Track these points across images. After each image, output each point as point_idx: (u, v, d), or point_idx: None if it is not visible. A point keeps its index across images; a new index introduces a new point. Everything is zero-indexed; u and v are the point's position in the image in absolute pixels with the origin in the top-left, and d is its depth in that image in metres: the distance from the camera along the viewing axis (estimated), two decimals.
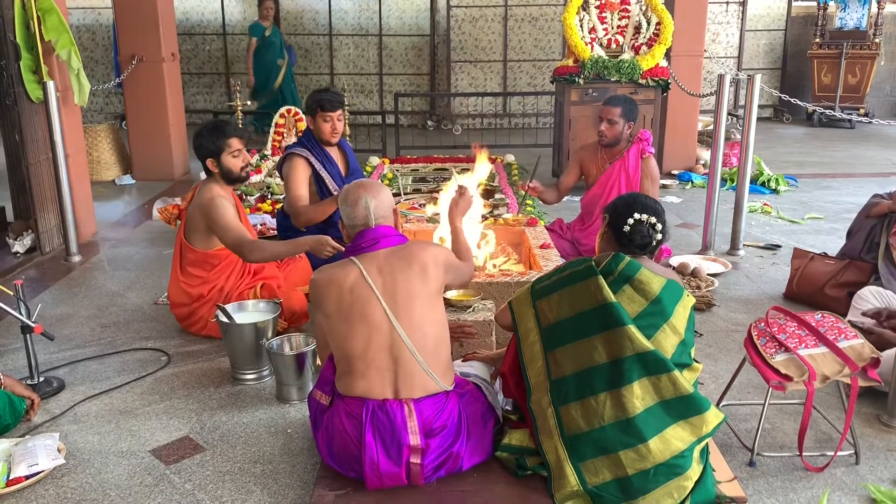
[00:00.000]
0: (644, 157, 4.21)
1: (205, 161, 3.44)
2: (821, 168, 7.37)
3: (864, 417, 2.81)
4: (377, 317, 2.22)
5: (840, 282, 3.77)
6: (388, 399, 2.21)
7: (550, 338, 2.25)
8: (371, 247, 2.33)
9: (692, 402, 2.11)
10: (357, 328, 2.22)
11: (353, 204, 2.36)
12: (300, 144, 4.18)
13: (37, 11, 4.55)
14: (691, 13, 6.77)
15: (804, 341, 2.53)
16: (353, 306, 2.23)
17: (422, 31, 10.03)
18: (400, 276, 2.27)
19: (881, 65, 9.92)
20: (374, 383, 2.22)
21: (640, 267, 2.19)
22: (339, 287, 2.26)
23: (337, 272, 2.29)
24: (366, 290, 2.23)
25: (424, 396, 2.22)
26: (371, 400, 2.21)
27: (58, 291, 4.19)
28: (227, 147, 3.43)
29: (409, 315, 2.23)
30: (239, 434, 2.72)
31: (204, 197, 3.42)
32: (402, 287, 2.26)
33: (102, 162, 6.97)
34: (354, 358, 2.22)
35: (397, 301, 2.24)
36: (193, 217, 3.45)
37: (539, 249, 3.79)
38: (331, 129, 4.08)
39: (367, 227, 2.36)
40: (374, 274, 2.26)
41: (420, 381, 2.22)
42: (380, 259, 2.30)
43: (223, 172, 3.46)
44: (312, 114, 4.09)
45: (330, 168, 4.16)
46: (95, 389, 3.05)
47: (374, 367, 2.21)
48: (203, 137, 3.45)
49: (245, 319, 3.11)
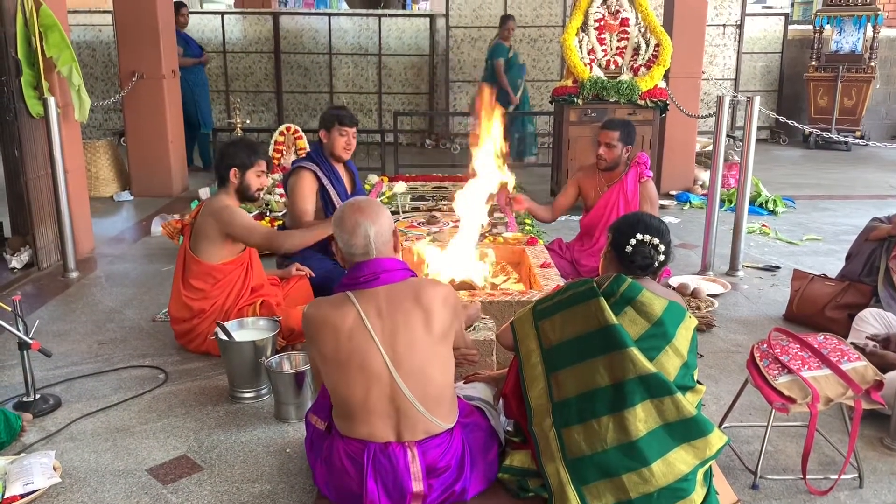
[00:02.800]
0: (642, 181, 4.23)
1: (229, 170, 3.45)
2: (818, 190, 7.40)
3: (867, 440, 2.79)
4: (377, 367, 2.09)
5: (840, 303, 3.77)
6: (390, 442, 2.13)
7: (552, 359, 2.23)
8: (370, 282, 2.15)
9: (695, 424, 2.09)
10: (355, 378, 2.10)
11: (350, 231, 2.16)
12: (308, 159, 4.21)
13: (39, 28, 4.56)
14: (690, 35, 6.82)
15: (807, 363, 2.52)
16: (352, 356, 2.09)
17: (421, 51, 10.09)
18: (401, 318, 2.11)
19: (877, 88, 9.99)
20: (376, 427, 2.13)
21: (642, 289, 2.18)
22: (336, 331, 2.10)
23: (332, 313, 2.13)
24: (364, 336, 2.09)
25: (428, 437, 2.15)
26: (373, 443, 2.13)
27: (55, 307, 4.17)
28: (257, 164, 3.50)
29: (410, 363, 2.10)
30: (237, 453, 2.70)
31: (217, 205, 3.45)
32: (404, 333, 2.11)
33: (101, 178, 6.97)
34: (353, 406, 2.13)
35: (397, 349, 2.10)
36: (204, 227, 3.45)
37: (539, 268, 3.79)
38: (345, 143, 4.15)
39: (366, 257, 2.17)
40: (374, 317, 2.10)
41: (423, 426, 2.15)
42: (380, 299, 2.13)
43: (242, 187, 3.49)
44: (328, 127, 4.13)
45: (337, 185, 4.19)
46: (92, 407, 3.02)
47: (376, 414, 2.12)
48: (238, 148, 3.50)
49: (244, 337, 3.09)
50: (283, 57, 10.13)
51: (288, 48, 10.10)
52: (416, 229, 5.40)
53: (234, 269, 3.52)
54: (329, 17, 10.20)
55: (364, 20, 10.12)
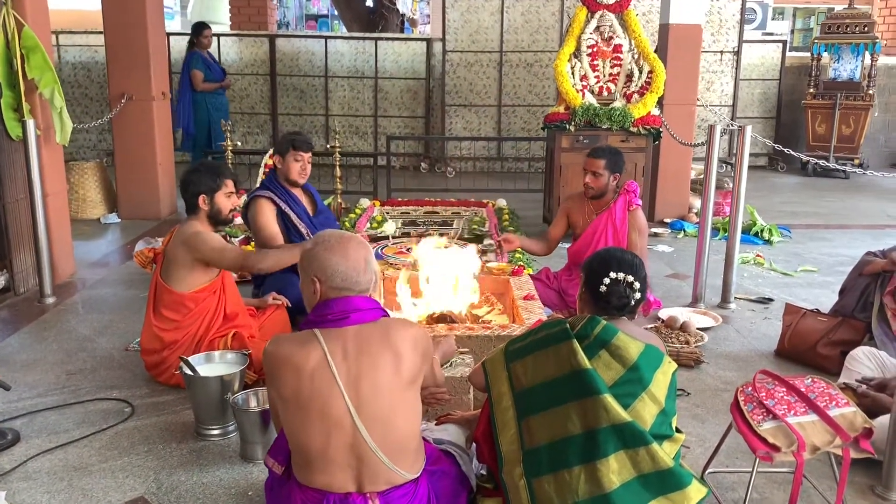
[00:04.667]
0: (631, 210, 4.15)
1: (197, 197, 3.36)
2: (815, 218, 7.30)
3: (857, 488, 2.67)
4: (338, 412, 1.96)
5: (833, 340, 3.65)
6: (350, 493, 2.00)
7: (524, 404, 2.12)
8: (340, 321, 2.02)
9: (672, 476, 1.98)
10: (315, 424, 1.97)
11: (354, 265, 2.02)
12: (262, 187, 4.24)
13: (21, 49, 4.50)
14: (685, 62, 6.75)
15: (793, 408, 2.40)
16: (312, 399, 1.96)
17: (417, 75, 10.05)
18: (366, 361, 1.98)
19: (875, 116, 9.93)
20: (336, 478, 2.00)
21: (617, 331, 2.07)
22: (298, 372, 1.97)
23: (296, 351, 1.99)
24: (327, 378, 1.96)
25: (391, 488, 2.03)
26: (332, 494, 2.00)
27: (27, 335, 4.06)
28: (224, 186, 3.40)
29: (374, 409, 1.98)
30: (197, 496, 2.57)
31: (187, 232, 3.35)
32: (369, 375, 1.98)
33: (88, 200, 6.88)
34: (312, 454, 2.00)
35: (361, 393, 1.97)
36: (175, 255, 3.35)
37: (522, 301, 3.68)
38: (300, 168, 4.20)
39: (344, 294, 2.04)
40: (339, 358, 1.97)
41: (385, 476, 2.02)
42: (347, 339, 2.00)
43: (213, 212, 3.40)
44: (283, 153, 4.18)
45: (296, 208, 4.22)
46: (52, 443, 2.91)
47: (335, 463, 1.99)
48: (201, 173, 3.40)
49: (210, 372, 2.98)
50: (278, 79, 10.09)
51: (284, 70, 10.07)
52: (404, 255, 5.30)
53: (207, 296, 3.42)
54: (325, 40, 10.18)
55: (360, 43, 10.10)
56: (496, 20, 9.60)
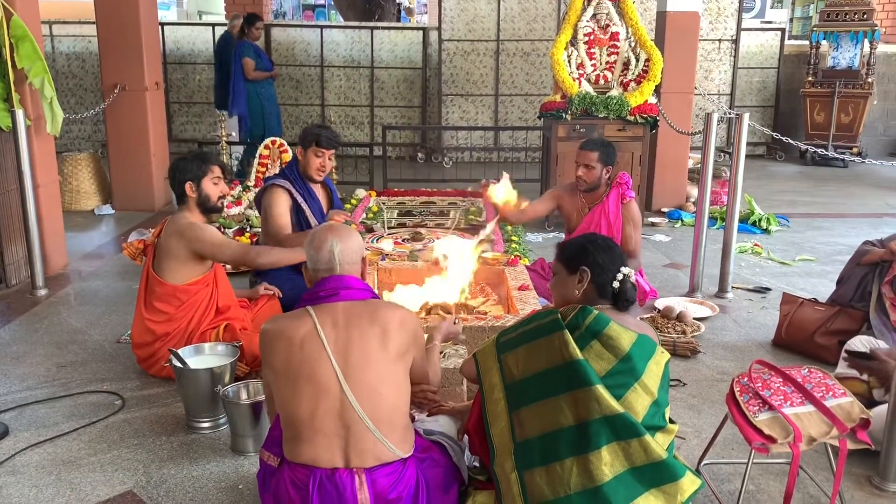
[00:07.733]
0: (625, 202, 4.11)
1: (183, 185, 3.34)
2: (813, 207, 7.26)
3: (854, 479, 2.64)
4: (326, 377, 2.01)
5: (830, 329, 3.62)
6: (337, 468, 2.01)
7: (515, 396, 2.09)
8: (330, 297, 2.13)
9: (665, 468, 1.95)
10: (303, 390, 2.02)
11: (317, 247, 2.18)
12: (282, 176, 4.08)
13: (10, 39, 4.45)
14: (682, 50, 6.69)
15: (790, 398, 2.37)
16: (302, 365, 2.03)
17: (414, 65, 9.98)
18: (356, 332, 2.06)
19: (874, 104, 9.87)
20: (322, 451, 2.02)
21: (609, 321, 2.03)
22: (289, 341, 2.06)
23: (288, 324, 2.10)
24: (316, 345, 2.03)
25: (378, 465, 2.03)
26: (319, 469, 2.01)
27: (18, 327, 4.02)
28: (209, 172, 3.36)
29: (362, 377, 2.03)
30: (186, 489, 2.54)
31: (181, 224, 3.31)
32: (358, 345, 2.05)
33: (82, 191, 6.84)
34: (300, 423, 2.02)
35: (350, 360, 2.03)
36: (168, 246, 3.30)
37: (517, 291, 3.65)
38: (320, 165, 4.01)
39: (330, 273, 2.17)
40: (328, 327, 2.06)
41: (373, 449, 2.03)
42: (337, 312, 2.10)
43: (201, 199, 3.36)
44: (306, 146, 4.00)
45: (311, 203, 4.06)
46: (41, 436, 2.87)
47: (322, 433, 2.01)
48: (187, 161, 3.38)
49: (201, 364, 2.94)
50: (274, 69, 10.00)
51: (279, 60, 9.98)
52: (400, 246, 5.26)
53: (200, 289, 3.39)
54: (321, 30, 10.10)
55: (356, 33, 10.02)
56: (493, 9, 9.53)
